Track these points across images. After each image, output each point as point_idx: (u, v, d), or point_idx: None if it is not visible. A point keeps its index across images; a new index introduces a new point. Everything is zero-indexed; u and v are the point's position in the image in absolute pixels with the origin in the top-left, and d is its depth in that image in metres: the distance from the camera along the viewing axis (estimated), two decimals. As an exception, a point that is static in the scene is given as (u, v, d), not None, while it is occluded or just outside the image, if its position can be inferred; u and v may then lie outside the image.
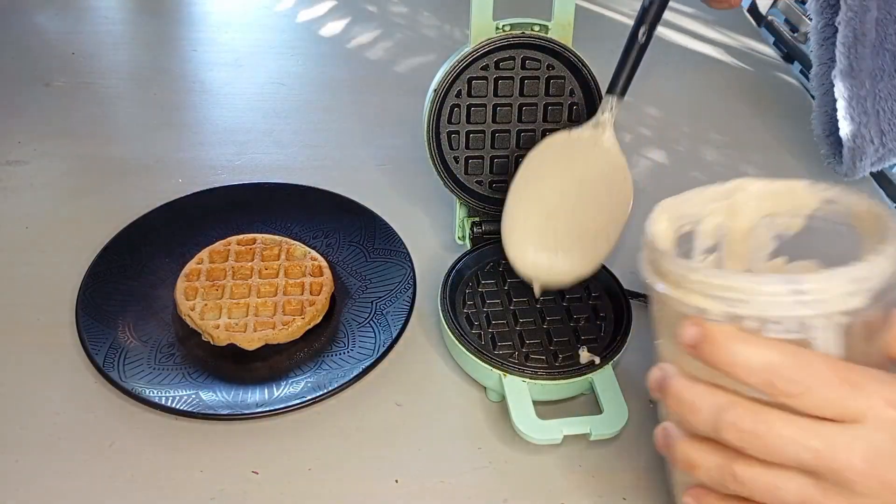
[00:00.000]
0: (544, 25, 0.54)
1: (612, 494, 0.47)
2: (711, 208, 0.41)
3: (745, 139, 0.80)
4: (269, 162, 0.73)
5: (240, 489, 0.46)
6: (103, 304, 0.56)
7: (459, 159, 0.58)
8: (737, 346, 0.33)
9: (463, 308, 0.54)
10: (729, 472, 0.35)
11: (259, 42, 0.93)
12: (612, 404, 0.49)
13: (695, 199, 0.41)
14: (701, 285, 0.34)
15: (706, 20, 1.02)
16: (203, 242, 0.60)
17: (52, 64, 0.86)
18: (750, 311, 0.33)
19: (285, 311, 0.55)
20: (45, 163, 0.72)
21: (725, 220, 0.41)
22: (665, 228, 0.39)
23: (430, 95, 0.56)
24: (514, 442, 0.49)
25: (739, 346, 0.33)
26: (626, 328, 0.53)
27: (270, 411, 0.49)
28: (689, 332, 0.34)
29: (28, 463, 0.47)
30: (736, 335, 0.33)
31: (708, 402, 0.34)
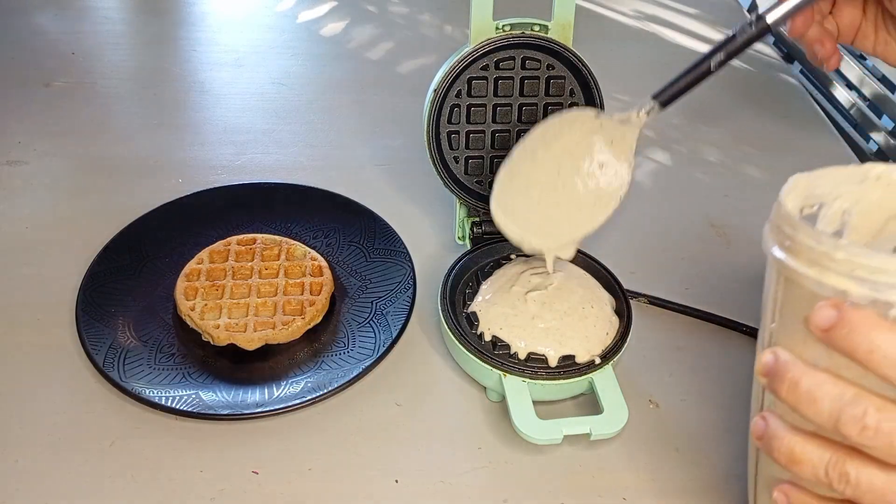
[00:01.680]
0: (544, 25, 0.54)
1: (612, 494, 0.47)
2: (842, 191, 0.38)
3: (745, 139, 0.80)
4: (269, 162, 0.73)
5: (240, 489, 0.46)
6: (103, 304, 0.56)
7: (459, 159, 0.58)
8: (879, 334, 0.31)
9: (463, 308, 0.54)
10: (840, 470, 0.32)
11: (259, 42, 0.93)
12: (612, 404, 0.49)
13: (827, 177, 0.38)
14: (845, 265, 0.31)
15: (706, 20, 1.02)
16: (203, 242, 0.60)
17: (52, 64, 0.86)
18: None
19: (285, 311, 0.55)
20: (45, 163, 0.72)
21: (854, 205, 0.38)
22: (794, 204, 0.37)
23: (430, 95, 0.56)
24: (514, 442, 0.49)
25: (883, 334, 0.31)
26: (627, 328, 0.53)
27: (270, 411, 0.49)
28: (824, 314, 0.32)
29: (28, 463, 0.47)
30: (879, 322, 0.31)
31: (830, 392, 0.32)
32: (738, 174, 0.75)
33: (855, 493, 0.33)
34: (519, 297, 0.53)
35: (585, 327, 0.52)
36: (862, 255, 0.31)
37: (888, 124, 0.91)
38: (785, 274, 0.34)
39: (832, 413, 0.32)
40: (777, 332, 0.35)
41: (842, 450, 0.33)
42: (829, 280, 0.32)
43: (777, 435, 0.35)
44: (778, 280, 0.35)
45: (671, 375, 0.55)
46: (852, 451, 0.33)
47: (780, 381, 0.33)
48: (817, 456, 0.33)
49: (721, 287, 0.61)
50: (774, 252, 0.34)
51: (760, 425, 0.36)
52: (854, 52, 0.95)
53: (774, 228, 0.35)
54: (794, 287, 0.34)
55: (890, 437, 0.31)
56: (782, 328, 0.35)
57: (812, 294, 0.32)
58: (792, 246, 0.33)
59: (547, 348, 0.51)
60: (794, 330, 0.34)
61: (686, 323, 0.58)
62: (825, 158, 0.76)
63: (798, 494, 0.36)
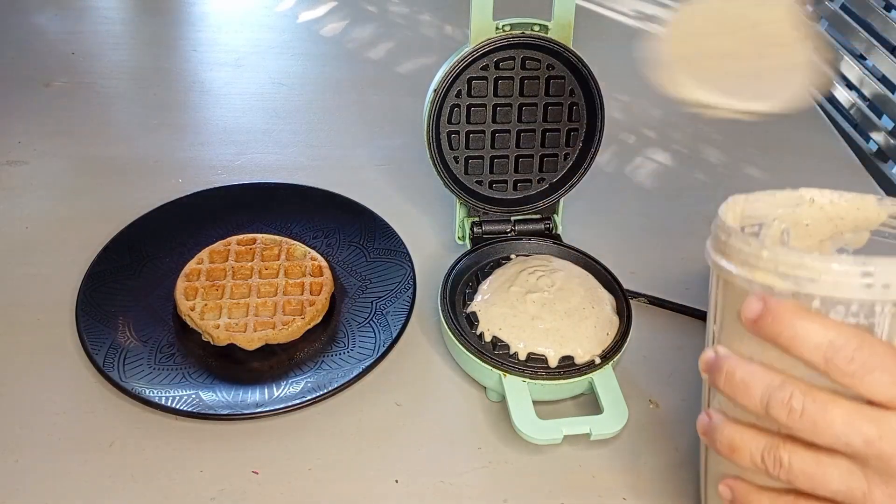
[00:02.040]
0: (544, 25, 0.54)
1: (612, 494, 0.47)
2: (778, 214, 0.42)
3: (746, 139, 0.80)
4: (269, 162, 0.73)
5: (240, 489, 0.46)
6: (103, 304, 0.56)
7: (459, 159, 0.58)
8: (800, 321, 0.33)
9: (463, 308, 0.54)
10: (774, 455, 0.35)
11: (259, 42, 0.93)
12: (612, 404, 0.49)
13: (764, 200, 0.41)
14: (770, 262, 0.34)
15: (706, 20, 1.02)
16: (203, 242, 0.60)
17: (52, 64, 0.86)
18: (817, 290, 0.33)
19: (285, 311, 0.55)
20: (45, 163, 0.72)
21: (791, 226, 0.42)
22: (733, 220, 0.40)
23: (430, 95, 0.56)
24: (514, 442, 0.49)
25: (802, 321, 0.33)
26: (627, 328, 0.53)
27: (270, 411, 0.49)
28: (751, 306, 0.35)
29: (28, 463, 0.47)
30: (799, 310, 0.34)
31: (761, 380, 0.35)
32: (738, 174, 0.75)
33: (789, 477, 0.35)
34: (518, 297, 0.53)
35: (586, 328, 0.52)
36: (783, 254, 0.34)
37: (888, 124, 0.91)
38: (722, 276, 0.37)
39: (763, 399, 0.34)
40: (719, 331, 0.39)
41: (776, 437, 0.35)
42: (757, 277, 0.35)
43: (718, 427, 0.37)
44: (717, 283, 0.38)
45: (671, 375, 0.55)
46: (786, 438, 0.35)
47: (719, 373, 0.36)
48: (754, 444, 0.35)
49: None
50: (713, 258, 0.38)
51: (704, 421, 0.38)
52: (854, 51, 0.95)
53: (714, 239, 0.38)
54: (730, 288, 0.37)
55: (813, 417, 0.33)
56: (723, 328, 0.38)
57: (744, 292, 0.36)
58: (726, 251, 0.37)
59: (547, 349, 0.51)
60: (733, 329, 0.37)
61: (686, 323, 0.58)
62: (825, 158, 0.77)
63: (741, 486, 0.38)
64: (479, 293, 0.55)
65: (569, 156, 0.60)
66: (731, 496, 0.38)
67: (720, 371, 0.36)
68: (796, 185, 0.41)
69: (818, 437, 0.33)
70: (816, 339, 0.33)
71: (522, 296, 0.53)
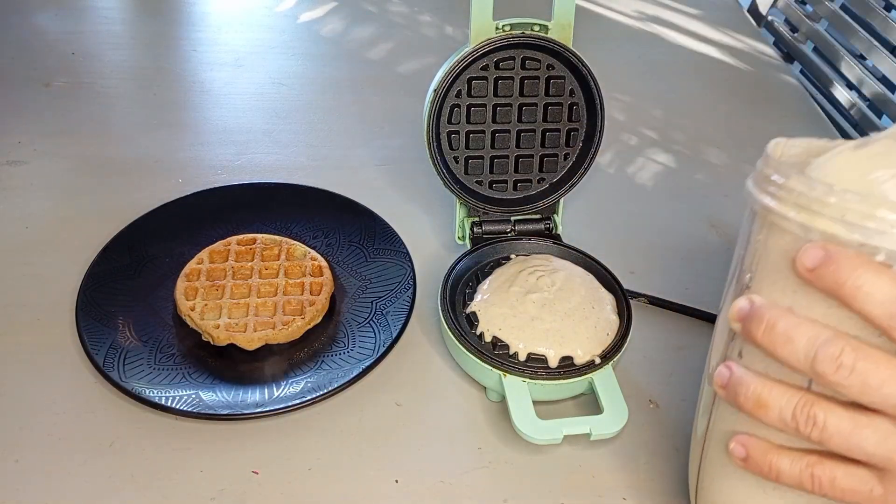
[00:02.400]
0: (544, 25, 0.54)
1: (612, 494, 0.47)
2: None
3: (746, 139, 0.80)
4: (269, 162, 0.73)
5: (240, 489, 0.46)
6: (103, 304, 0.56)
7: (459, 159, 0.58)
8: (866, 273, 0.31)
9: (463, 308, 0.54)
10: (808, 412, 0.33)
11: (259, 42, 0.93)
12: (612, 404, 0.49)
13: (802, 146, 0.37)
14: (836, 210, 0.32)
15: (706, 20, 1.02)
16: (203, 242, 0.60)
17: (52, 64, 0.86)
18: (886, 243, 0.31)
19: (285, 311, 0.55)
20: (45, 163, 0.72)
21: None
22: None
23: (430, 95, 0.56)
24: (514, 442, 0.49)
25: (869, 273, 0.31)
26: (627, 328, 0.53)
27: (270, 411, 0.49)
28: (812, 253, 0.32)
29: (28, 463, 0.47)
30: (866, 261, 0.31)
31: (807, 332, 0.32)
32: (738, 174, 0.75)
33: (821, 436, 0.33)
34: (518, 297, 0.53)
35: (586, 328, 0.52)
36: (854, 201, 0.31)
37: (888, 124, 0.91)
38: (771, 221, 0.34)
39: (808, 352, 0.32)
40: (754, 281, 0.36)
41: (810, 394, 0.33)
42: (818, 225, 0.32)
43: (743, 381, 0.35)
44: (760, 228, 0.35)
45: (671, 375, 0.55)
46: (820, 396, 0.33)
47: (758, 323, 0.34)
48: (785, 399, 0.34)
49: (721, 287, 0.61)
50: (762, 199, 0.35)
51: (724, 374, 0.36)
52: (854, 51, 0.95)
53: (761, 178, 0.35)
54: (779, 234, 0.34)
55: (864, 375, 0.31)
56: (760, 277, 0.35)
57: (796, 240, 0.33)
58: (779, 193, 0.34)
59: (547, 349, 0.51)
60: (773, 279, 0.34)
61: (686, 323, 0.58)
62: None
63: (758, 444, 0.36)
64: (478, 293, 0.55)
65: (569, 156, 0.60)
66: (745, 454, 0.36)
67: (760, 320, 0.33)
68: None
69: (865, 396, 0.32)
70: (882, 294, 0.31)
71: (522, 296, 0.53)
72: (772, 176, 0.34)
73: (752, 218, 0.36)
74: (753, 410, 0.34)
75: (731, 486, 0.39)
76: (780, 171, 0.34)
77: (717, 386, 0.36)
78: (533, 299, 0.52)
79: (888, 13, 0.90)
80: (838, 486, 0.34)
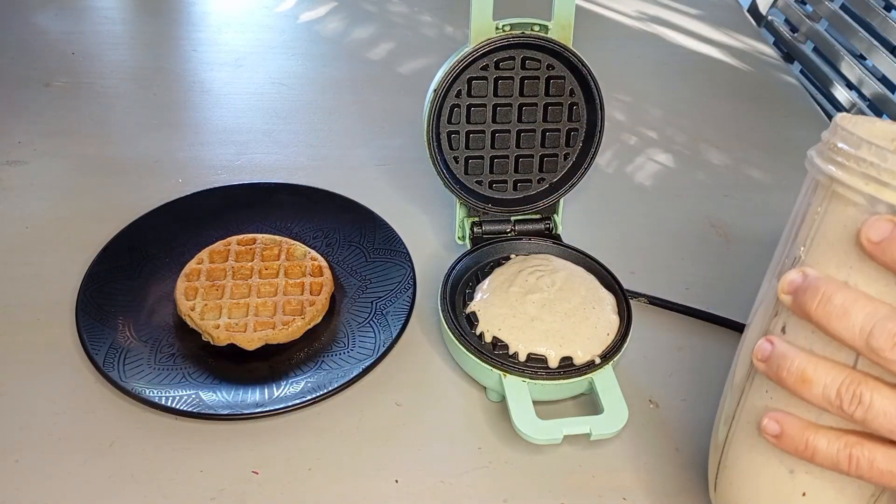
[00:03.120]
0: (544, 25, 0.54)
1: (612, 494, 0.47)
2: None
3: (746, 139, 0.80)
4: (269, 162, 0.73)
5: (240, 489, 0.46)
6: (103, 304, 0.56)
7: (459, 159, 0.58)
8: None
9: (463, 308, 0.54)
10: (854, 391, 0.32)
11: (259, 42, 0.93)
12: (612, 404, 0.49)
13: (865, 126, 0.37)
14: None
15: (706, 20, 1.02)
16: (203, 242, 0.60)
17: (52, 64, 0.86)
18: None
19: (285, 311, 0.55)
20: (45, 163, 0.72)
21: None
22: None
23: (430, 95, 0.56)
24: (514, 442, 0.49)
25: None
26: (627, 328, 0.53)
27: (270, 411, 0.49)
28: (879, 226, 0.31)
29: (28, 463, 0.47)
30: None
31: (865, 307, 0.32)
32: (738, 174, 0.75)
33: (866, 417, 0.32)
34: (518, 297, 0.53)
35: (586, 328, 0.52)
36: None
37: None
38: (834, 191, 0.33)
39: (864, 327, 0.31)
40: (808, 254, 0.35)
41: (857, 372, 0.33)
42: (887, 197, 0.31)
43: (788, 355, 0.34)
44: (822, 200, 0.34)
45: (671, 375, 0.55)
46: (867, 375, 0.32)
47: (812, 295, 0.32)
48: (831, 376, 0.33)
49: (721, 287, 0.61)
50: (827, 169, 0.33)
51: (766, 348, 0.35)
52: (854, 51, 0.95)
53: (828, 147, 0.34)
54: (842, 205, 0.33)
55: None
56: (816, 251, 0.34)
57: (860, 212, 0.32)
58: (847, 163, 0.33)
59: (547, 349, 0.51)
60: (830, 254, 0.33)
61: (686, 323, 0.58)
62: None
63: (794, 421, 0.35)
64: (478, 293, 0.55)
65: (569, 156, 0.60)
66: (779, 431, 0.35)
67: (815, 292, 0.32)
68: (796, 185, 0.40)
69: None
70: None
71: (522, 296, 0.53)
72: (840, 144, 0.33)
73: (813, 189, 0.35)
74: (796, 386, 0.34)
75: (756, 467, 0.38)
76: (849, 141, 0.33)
77: (757, 359, 0.35)
78: (533, 299, 0.52)
79: (888, 13, 0.90)
80: (877, 467, 0.33)
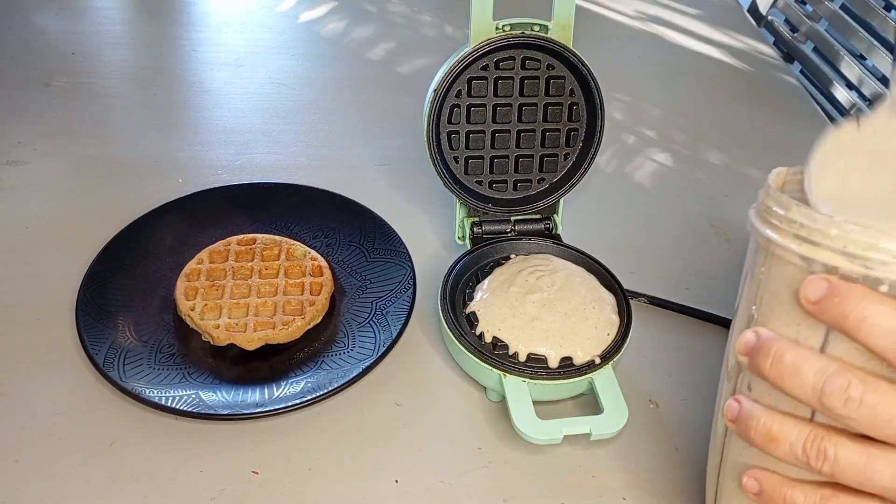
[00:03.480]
0: (544, 25, 0.54)
1: (612, 494, 0.47)
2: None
3: (746, 139, 0.80)
4: (269, 162, 0.73)
5: (240, 489, 0.46)
6: (103, 304, 0.56)
7: (459, 159, 0.58)
8: (871, 304, 0.31)
9: (463, 308, 0.54)
10: (819, 446, 0.33)
11: (259, 42, 0.93)
12: (612, 404, 0.49)
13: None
14: (838, 241, 0.31)
15: (706, 20, 1.02)
16: (203, 242, 0.60)
17: (52, 64, 0.86)
18: (890, 273, 0.31)
19: (285, 311, 0.55)
20: (45, 163, 0.72)
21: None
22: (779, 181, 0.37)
23: (430, 95, 0.56)
24: (514, 442, 0.49)
25: (875, 304, 0.31)
26: (627, 328, 0.53)
27: (270, 411, 0.49)
28: (815, 286, 0.32)
29: (28, 463, 0.47)
30: (870, 293, 0.31)
31: (814, 365, 0.32)
32: (738, 174, 0.75)
33: (833, 470, 0.33)
34: (518, 297, 0.53)
35: (586, 328, 0.51)
36: (855, 232, 0.31)
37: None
38: (773, 252, 0.34)
39: (816, 385, 0.32)
40: (759, 313, 0.36)
41: (820, 427, 0.33)
42: (820, 256, 0.32)
43: (753, 414, 0.35)
44: (764, 260, 0.35)
45: (671, 375, 0.55)
46: (829, 428, 0.33)
47: (765, 356, 0.33)
48: (795, 433, 0.33)
49: (721, 287, 0.61)
50: (764, 231, 0.34)
51: (734, 407, 0.36)
52: (854, 51, 0.95)
53: (762, 209, 0.35)
54: (781, 266, 0.34)
55: (873, 408, 0.31)
56: (765, 310, 0.35)
57: (798, 272, 0.33)
58: (781, 225, 0.33)
59: (547, 350, 0.51)
60: (778, 312, 0.34)
61: (686, 323, 0.58)
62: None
63: (771, 478, 0.35)
64: (478, 293, 0.55)
65: (569, 156, 0.60)
66: (759, 489, 0.36)
67: (766, 353, 0.33)
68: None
69: (876, 429, 0.31)
70: (887, 325, 0.30)
71: (522, 296, 0.53)
72: (773, 207, 0.34)
73: (756, 249, 0.36)
74: (764, 444, 0.34)
75: None
76: (780, 203, 0.34)
77: (727, 420, 0.36)
78: (533, 299, 0.52)
79: (888, 13, 0.90)
80: None
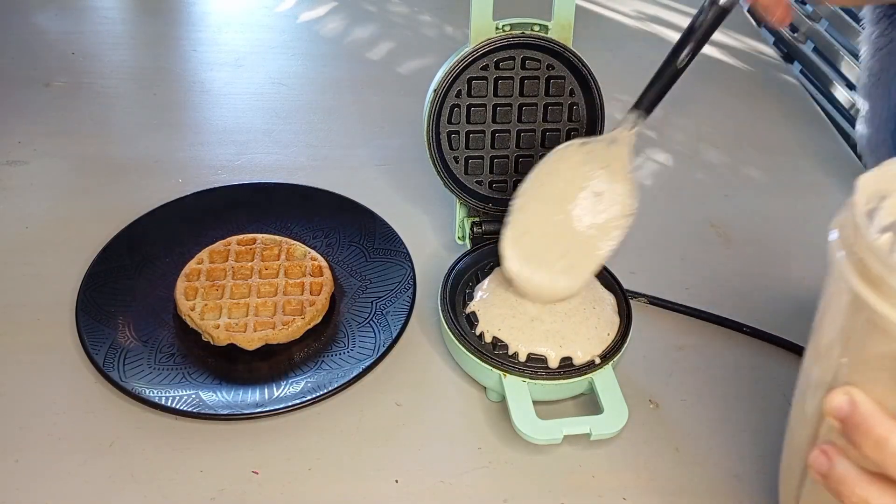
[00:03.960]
0: (544, 25, 0.54)
1: (612, 494, 0.47)
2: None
3: (746, 139, 0.80)
4: (269, 162, 0.73)
5: (240, 489, 0.46)
6: (103, 304, 0.56)
7: (459, 159, 0.58)
8: None
9: (463, 308, 0.54)
10: None
11: (259, 42, 0.93)
12: (612, 404, 0.49)
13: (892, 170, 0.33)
14: None
15: (706, 20, 1.02)
16: (203, 242, 0.60)
17: (52, 64, 0.86)
18: None
19: (285, 311, 0.55)
20: (45, 163, 0.72)
21: None
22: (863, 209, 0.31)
23: (430, 95, 0.56)
24: (514, 442, 0.49)
25: None
26: (627, 328, 0.53)
27: (270, 411, 0.49)
28: None
29: (28, 463, 0.47)
30: None
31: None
32: (738, 174, 0.75)
33: None
34: (517, 297, 0.53)
35: (586, 329, 0.51)
36: None
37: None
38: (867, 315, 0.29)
39: None
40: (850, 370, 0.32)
41: None
42: None
43: (847, 481, 0.32)
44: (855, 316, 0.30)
45: (671, 375, 0.55)
46: None
47: (864, 436, 0.31)
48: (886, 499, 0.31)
49: (721, 287, 0.61)
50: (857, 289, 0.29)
51: (823, 463, 0.33)
52: (854, 51, 0.95)
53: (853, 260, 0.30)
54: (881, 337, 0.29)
55: None
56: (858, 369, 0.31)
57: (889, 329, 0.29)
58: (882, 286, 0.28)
59: (547, 350, 0.51)
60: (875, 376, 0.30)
61: (686, 323, 0.58)
62: (825, 158, 0.77)
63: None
64: (478, 293, 0.55)
65: (569, 156, 0.60)
66: None
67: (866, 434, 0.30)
68: (796, 185, 0.40)
69: None
70: None
71: (522, 296, 0.53)
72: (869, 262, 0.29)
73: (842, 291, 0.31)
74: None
75: None
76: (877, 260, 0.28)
77: (815, 473, 0.33)
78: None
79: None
80: None
